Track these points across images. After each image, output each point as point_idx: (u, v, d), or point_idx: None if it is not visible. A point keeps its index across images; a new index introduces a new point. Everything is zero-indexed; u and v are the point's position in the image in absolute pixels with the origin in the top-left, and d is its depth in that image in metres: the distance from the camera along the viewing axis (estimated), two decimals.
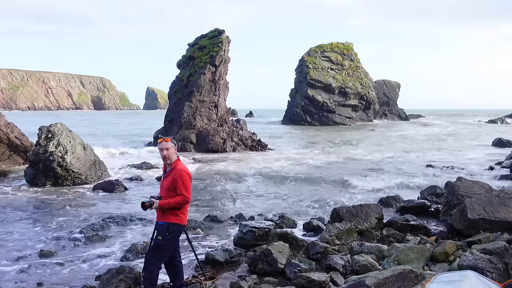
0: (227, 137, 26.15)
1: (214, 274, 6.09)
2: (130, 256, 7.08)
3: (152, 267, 4.93)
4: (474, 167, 18.76)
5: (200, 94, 27.40)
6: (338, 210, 8.69)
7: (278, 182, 15.17)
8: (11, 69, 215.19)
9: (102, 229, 8.85)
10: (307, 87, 64.12)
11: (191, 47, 31.02)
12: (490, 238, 6.92)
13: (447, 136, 40.79)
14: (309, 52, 69.07)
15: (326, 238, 7.36)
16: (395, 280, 4.30)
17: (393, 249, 6.35)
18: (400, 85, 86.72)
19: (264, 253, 6.29)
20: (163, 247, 4.92)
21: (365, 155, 23.93)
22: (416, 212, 9.84)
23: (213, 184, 14.93)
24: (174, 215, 4.93)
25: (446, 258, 6.23)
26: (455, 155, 24.07)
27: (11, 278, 6.29)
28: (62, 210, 10.91)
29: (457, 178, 10.05)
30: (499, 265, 5.16)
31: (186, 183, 4.90)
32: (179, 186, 4.86)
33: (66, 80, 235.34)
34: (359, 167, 18.83)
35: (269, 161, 21.26)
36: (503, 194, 7.96)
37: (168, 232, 4.89)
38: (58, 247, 7.76)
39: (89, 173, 14.92)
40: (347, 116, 64.95)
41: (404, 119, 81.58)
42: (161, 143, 5.02)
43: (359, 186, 14.31)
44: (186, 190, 4.87)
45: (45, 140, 14.39)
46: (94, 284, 5.99)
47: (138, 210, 10.75)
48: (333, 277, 5.74)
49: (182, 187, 4.86)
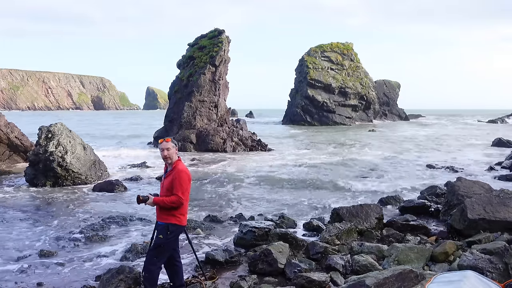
0: (227, 137, 26.15)
1: (214, 274, 6.09)
2: (130, 256, 7.08)
3: (153, 266, 4.93)
4: (474, 167, 18.76)
5: (200, 94, 27.40)
6: (338, 210, 8.70)
7: (278, 182, 15.16)
8: (11, 69, 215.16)
9: (102, 229, 8.85)
10: (307, 87, 64.10)
11: (191, 47, 31.02)
12: (490, 238, 6.92)
13: (447, 136, 40.78)
14: (309, 52, 69.06)
15: (326, 238, 7.37)
16: (395, 280, 4.30)
17: (393, 249, 6.35)
18: (400, 85, 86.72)
19: (264, 253, 6.29)
20: (164, 246, 4.94)
21: (365, 155, 23.93)
22: (416, 212, 9.84)
23: (213, 184, 14.93)
24: (173, 216, 4.95)
25: (446, 258, 6.24)
26: (455, 155, 24.06)
27: (11, 278, 6.29)
28: (62, 210, 10.91)
29: (457, 178, 10.06)
30: (499, 265, 5.16)
31: (183, 184, 4.91)
32: (175, 186, 4.89)
33: (66, 80, 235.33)
34: (359, 167, 18.83)
35: (269, 161, 21.26)
36: (503, 194, 7.96)
37: (169, 232, 4.93)
38: (58, 247, 7.76)
39: (89, 173, 14.93)
40: (347, 116, 64.93)
41: (404, 119, 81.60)
42: (161, 143, 5.05)
43: (359, 186, 14.31)
44: (182, 191, 4.89)
45: (45, 140, 14.39)
46: (94, 284, 5.99)
47: (138, 210, 10.76)
48: (333, 277, 5.74)
49: (178, 187, 4.88)
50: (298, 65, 69.54)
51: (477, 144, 31.15)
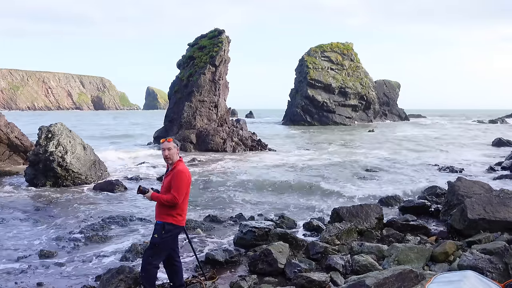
0: (227, 137, 26.15)
1: (214, 274, 6.09)
2: (130, 256, 7.08)
3: (149, 266, 4.93)
4: (474, 167, 18.76)
5: (200, 94, 27.40)
6: (338, 210, 8.70)
7: (278, 182, 15.16)
8: (11, 69, 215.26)
9: (102, 229, 8.85)
10: (307, 87, 64.10)
11: (191, 47, 31.02)
12: (490, 238, 6.92)
13: (447, 136, 40.78)
14: (309, 52, 69.06)
15: (326, 238, 7.37)
16: (395, 280, 4.30)
17: (393, 249, 6.35)
18: (400, 85, 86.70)
19: (264, 253, 6.29)
20: (159, 245, 4.93)
21: (365, 155, 23.93)
22: (416, 212, 9.85)
23: (213, 184, 14.92)
24: (169, 216, 4.95)
25: (446, 258, 6.24)
26: (455, 155, 24.05)
27: (11, 278, 6.29)
28: (62, 210, 10.91)
29: (457, 178, 10.05)
30: (499, 265, 5.16)
31: (180, 184, 4.90)
32: (172, 186, 4.91)
33: (66, 80, 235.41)
34: (359, 167, 18.83)
35: (269, 161, 21.25)
36: (503, 194, 7.96)
37: (164, 231, 4.91)
38: (58, 247, 7.76)
39: (89, 173, 14.92)
40: (347, 116, 64.93)
41: (404, 119, 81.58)
42: (163, 143, 5.06)
43: (359, 186, 14.31)
44: (177, 191, 4.88)
45: (45, 140, 14.39)
46: (94, 284, 5.99)
47: (138, 210, 10.77)
48: (333, 277, 5.74)
49: (175, 187, 4.89)
50: (298, 65, 69.54)
51: (477, 144, 31.15)
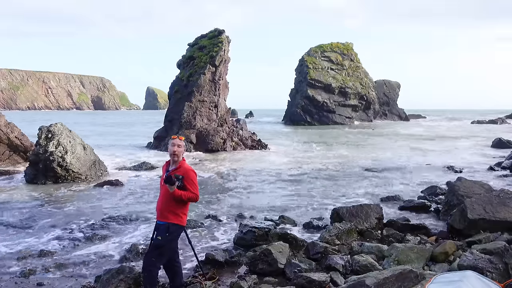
0: (227, 137, 26.15)
1: (214, 274, 6.09)
2: (130, 256, 7.08)
3: (152, 267, 4.91)
4: (474, 167, 18.75)
5: (200, 94, 27.39)
6: (338, 210, 8.69)
7: (278, 182, 15.16)
8: (11, 69, 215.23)
9: (102, 229, 8.85)
10: (307, 87, 64.11)
11: (191, 47, 31.00)
12: (490, 238, 6.92)
13: (447, 136, 40.77)
14: (309, 52, 69.06)
15: (326, 238, 7.36)
16: (395, 280, 4.30)
17: (393, 249, 6.35)
18: (400, 85, 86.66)
19: (264, 253, 6.29)
20: (163, 247, 4.91)
21: (365, 155, 23.92)
22: (416, 212, 9.86)
23: (213, 184, 14.93)
24: (175, 215, 4.91)
25: (446, 258, 6.23)
26: (455, 155, 24.05)
27: (11, 278, 6.29)
28: (62, 210, 10.91)
29: (457, 178, 10.07)
30: (499, 265, 5.16)
31: (195, 182, 4.95)
32: (190, 185, 4.88)
33: (66, 80, 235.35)
34: (359, 167, 18.83)
35: (269, 161, 21.26)
36: (503, 194, 7.96)
37: (169, 233, 4.88)
38: (58, 247, 7.76)
39: (89, 173, 14.93)
40: (347, 116, 64.95)
41: (404, 119, 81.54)
42: (174, 139, 5.02)
43: (359, 186, 14.30)
44: (195, 189, 4.92)
45: (45, 140, 14.40)
46: (94, 284, 5.99)
47: (138, 210, 10.77)
48: (333, 277, 5.73)
49: (192, 185, 4.89)
50: (298, 65, 69.56)
51: (477, 144, 31.14)
